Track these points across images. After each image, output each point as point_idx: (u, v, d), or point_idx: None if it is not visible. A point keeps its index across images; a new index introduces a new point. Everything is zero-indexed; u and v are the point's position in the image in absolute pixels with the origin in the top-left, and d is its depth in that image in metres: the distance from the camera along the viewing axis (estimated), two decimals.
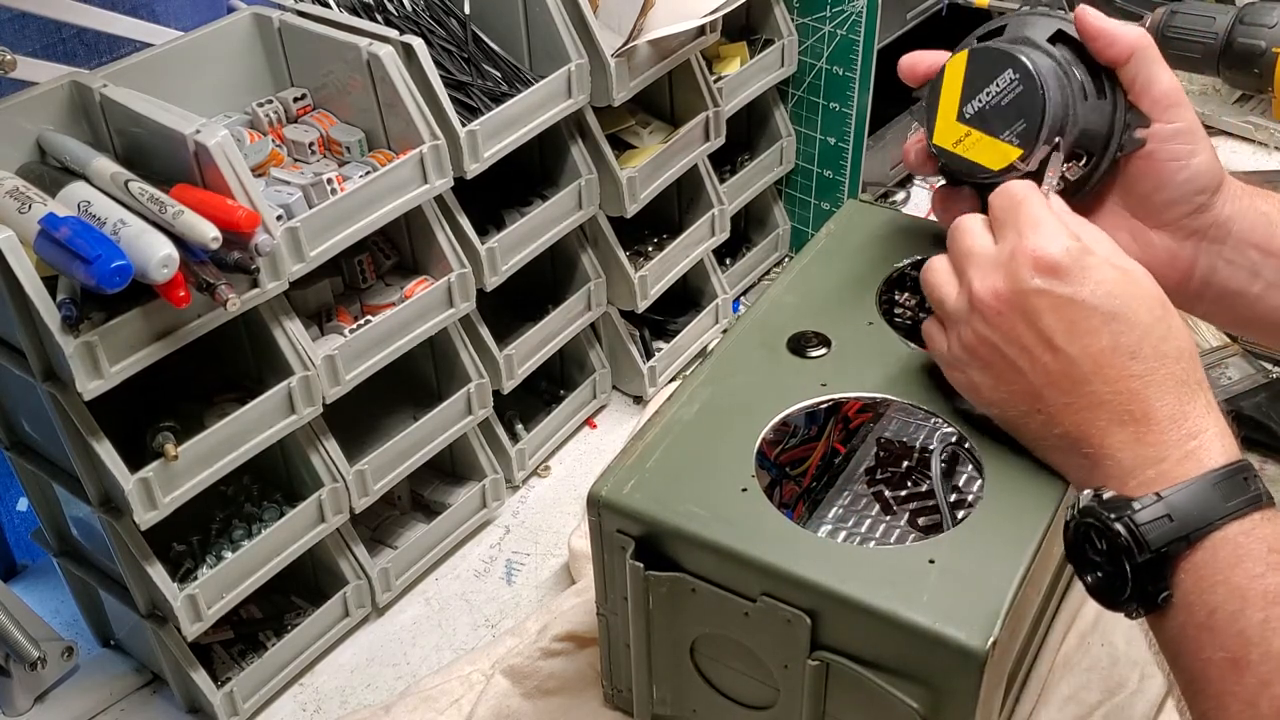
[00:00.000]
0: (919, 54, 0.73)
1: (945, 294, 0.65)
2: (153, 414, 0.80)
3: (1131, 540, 0.55)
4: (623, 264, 1.04)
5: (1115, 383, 0.59)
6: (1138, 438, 0.58)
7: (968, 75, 0.68)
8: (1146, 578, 0.56)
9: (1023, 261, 0.60)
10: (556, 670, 0.82)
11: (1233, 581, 0.54)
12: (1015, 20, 0.70)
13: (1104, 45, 0.67)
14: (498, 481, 1.00)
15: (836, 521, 0.78)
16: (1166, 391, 0.58)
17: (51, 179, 0.73)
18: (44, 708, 0.87)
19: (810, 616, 0.61)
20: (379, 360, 0.85)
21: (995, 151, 0.68)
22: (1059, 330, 0.60)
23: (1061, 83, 0.67)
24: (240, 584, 0.81)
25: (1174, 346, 0.59)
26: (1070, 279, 0.60)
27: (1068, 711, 0.78)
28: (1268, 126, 1.37)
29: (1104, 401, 0.59)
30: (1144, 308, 0.60)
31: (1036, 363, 0.61)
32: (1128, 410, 0.59)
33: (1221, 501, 0.55)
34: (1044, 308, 0.60)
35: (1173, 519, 0.55)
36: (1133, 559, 0.56)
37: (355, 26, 0.86)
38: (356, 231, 0.81)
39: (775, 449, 0.79)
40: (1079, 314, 0.59)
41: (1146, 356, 0.59)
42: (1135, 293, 0.60)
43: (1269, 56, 1.13)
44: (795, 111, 1.21)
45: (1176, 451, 0.57)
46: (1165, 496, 0.56)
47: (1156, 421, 0.58)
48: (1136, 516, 0.56)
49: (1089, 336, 0.59)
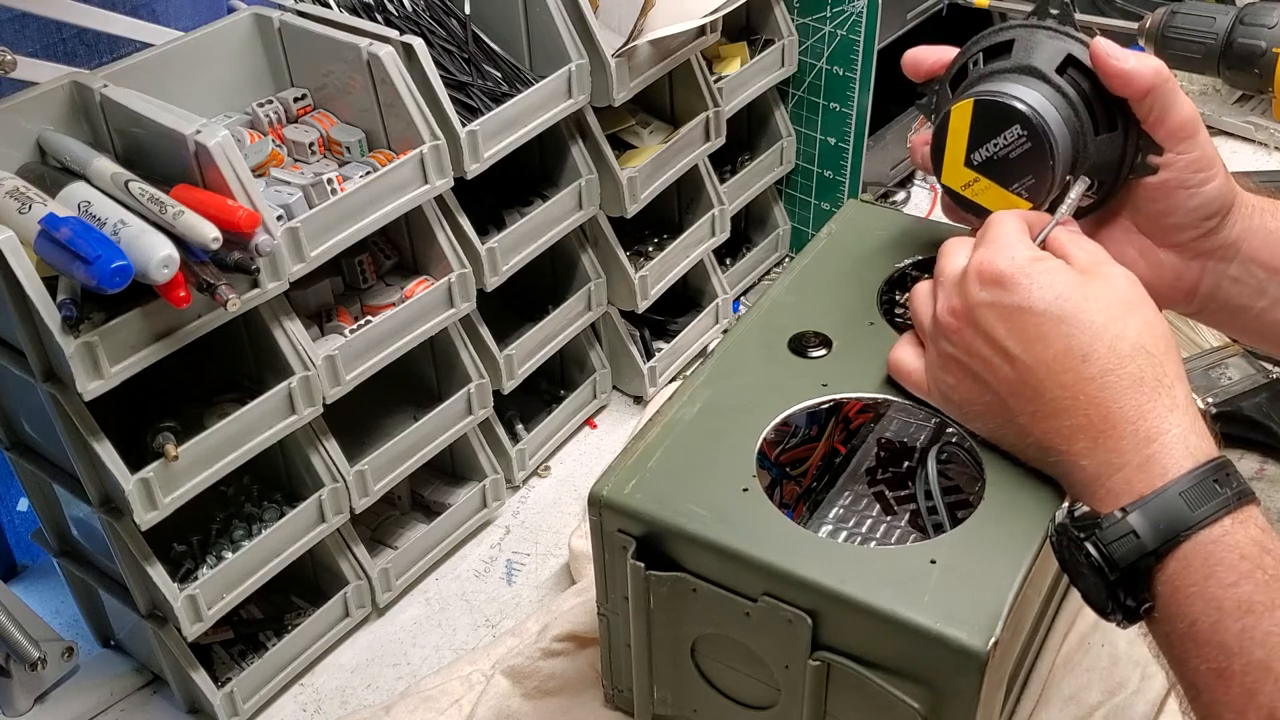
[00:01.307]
0: (923, 49, 0.73)
1: (921, 317, 0.67)
2: (153, 414, 0.80)
3: (1101, 559, 0.55)
4: (623, 264, 1.04)
5: (1070, 388, 0.59)
6: (1096, 443, 0.58)
7: (974, 123, 0.67)
8: (1124, 592, 0.56)
9: (971, 276, 0.62)
10: (557, 670, 0.82)
11: (1208, 593, 0.54)
12: (1023, 38, 0.68)
13: (1119, 85, 0.65)
14: (498, 481, 1.00)
15: (837, 522, 0.78)
16: (1123, 393, 0.58)
17: (51, 179, 0.73)
18: (44, 708, 0.87)
19: (811, 616, 0.61)
20: (379, 360, 0.85)
21: (1004, 201, 0.68)
22: (1011, 339, 0.60)
23: (1072, 126, 0.66)
24: (240, 584, 0.81)
25: (1130, 345, 0.58)
26: (1015, 288, 0.60)
27: (1068, 711, 0.78)
28: (1268, 126, 1.37)
29: (1064, 408, 0.59)
30: (1098, 308, 0.59)
31: (998, 374, 0.61)
32: (1085, 415, 0.58)
33: (1188, 511, 0.54)
34: (993, 319, 0.61)
35: (1139, 535, 0.55)
36: (1104, 577, 0.55)
37: (355, 26, 0.86)
38: (357, 232, 0.81)
39: (776, 449, 0.79)
40: (1027, 321, 0.60)
41: (1100, 357, 0.58)
42: (1090, 294, 0.60)
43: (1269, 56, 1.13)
44: (795, 111, 1.21)
45: (1135, 457, 0.57)
46: (1130, 513, 0.55)
47: (1114, 425, 0.57)
48: (1103, 535, 0.55)
49: (1039, 344, 0.59)
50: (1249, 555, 0.54)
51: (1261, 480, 0.97)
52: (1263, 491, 0.96)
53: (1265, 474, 0.97)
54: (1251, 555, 0.54)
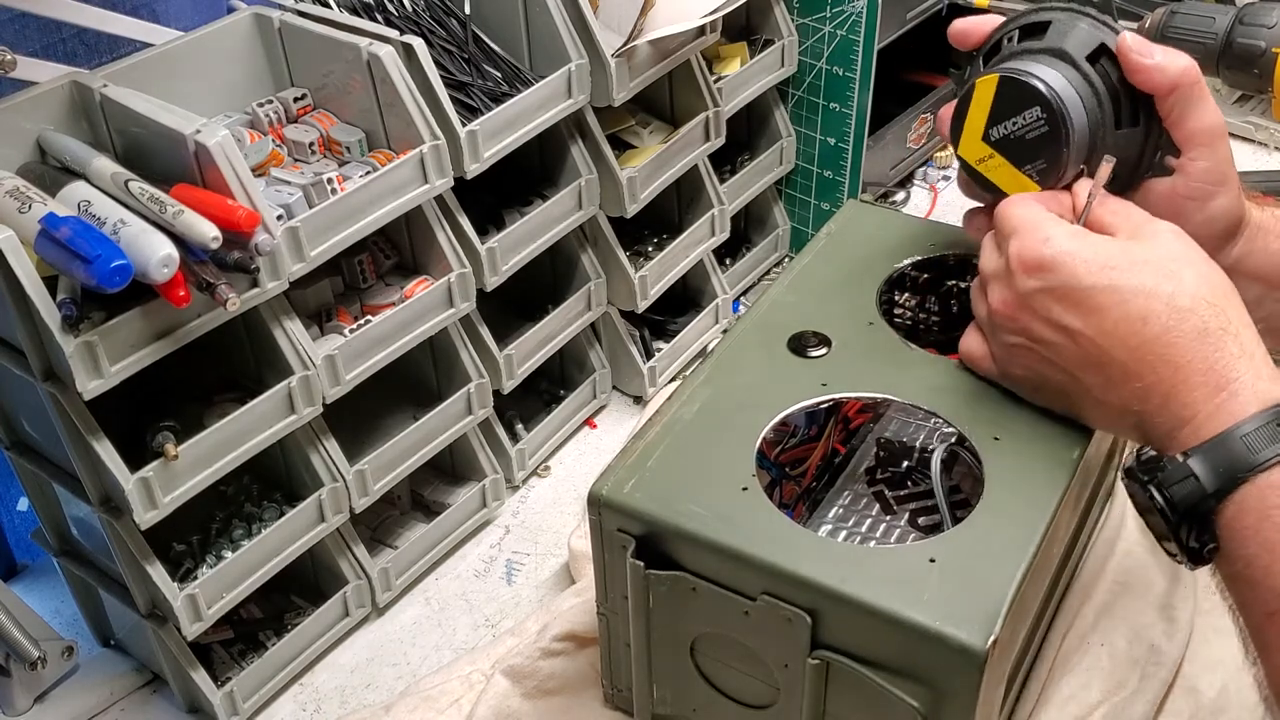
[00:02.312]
0: (972, 19, 0.73)
1: (979, 311, 0.69)
2: (153, 414, 0.80)
3: (1163, 501, 0.57)
4: (623, 264, 1.04)
5: (1136, 350, 0.60)
6: (1169, 398, 0.59)
7: (996, 99, 0.67)
8: (1186, 532, 0.57)
9: (1015, 269, 0.63)
10: (556, 670, 0.82)
11: (1263, 535, 0.55)
12: (1060, 21, 0.68)
13: (1142, 79, 0.66)
14: (498, 481, 1.00)
15: (837, 521, 0.78)
16: (1188, 346, 0.59)
17: (51, 179, 0.73)
18: (44, 708, 0.87)
19: (810, 616, 0.61)
20: (379, 360, 0.85)
21: (1015, 181, 0.68)
22: (1069, 317, 0.61)
23: (1093, 115, 0.66)
24: (240, 584, 0.81)
25: (1189, 298, 0.60)
26: (1059, 268, 0.62)
27: (1068, 711, 0.78)
28: (1268, 126, 1.37)
29: (1133, 371, 0.60)
30: (1148, 269, 0.60)
31: (1063, 353, 0.63)
32: (1155, 373, 0.59)
33: (1248, 455, 0.55)
34: (1046, 301, 0.62)
35: (1198, 478, 0.56)
36: (1167, 517, 0.57)
37: (355, 26, 0.86)
38: (356, 231, 0.81)
39: (775, 449, 0.79)
40: (1080, 297, 0.61)
41: (1159, 316, 0.59)
42: (1136, 257, 0.61)
43: (1269, 57, 1.13)
44: (795, 111, 1.21)
45: (1206, 406, 0.58)
46: (1190, 456, 0.57)
47: (1184, 378, 0.59)
48: (1164, 478, 0.57)
49: (1097, 315, 0.61)
50: None
51: None
52: None
53: None
54: None
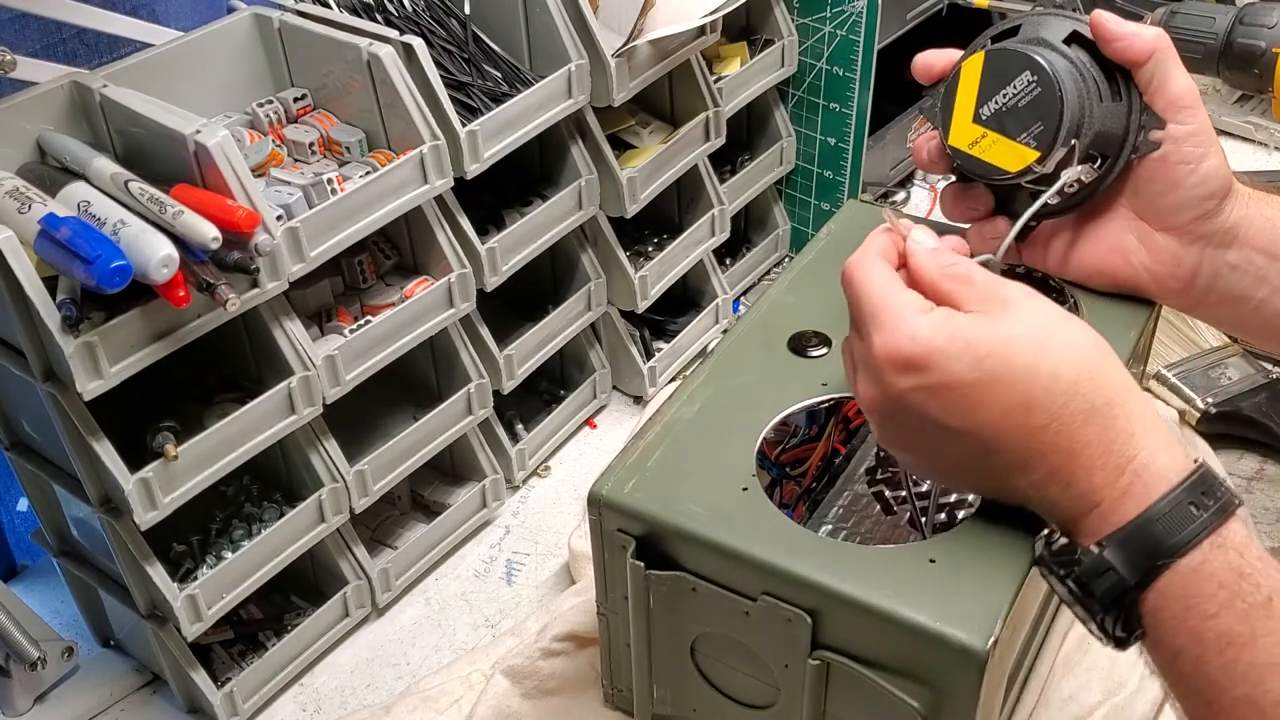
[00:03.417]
0: (934, 53, 0.72)
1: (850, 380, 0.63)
2: (153, 414, 0.80)
3: (1082, 594, 0.54)
4: (623, 264, 1.04)
5: (1024, 440, 0.56)
6: (1069, 485, 0.56)
7: (984, 76, 0.68)
8: (1111, 623, 0.54)
9: (884, 366, 0.57)
10: (556, 670, 0.82)
11: (1188, 625, 0.52)
12: (1029, 21, 0.70)
13: (1123, 47, 0.66)
14: (498, 481, 1.00)
15: (837, 521, 0.78)
16: (1078, 431, 0.55)
17: (51, 179, 0.73)
18: (44, 708, 0.87)
19: (811, 616, 0.61)
20: (379, 360, 0.85)
21: (1013, 154, 0.68)
22: (946, 414, 0.57)
23: (1078, 84, 0.66)
24: (240, 584, 0.81)
25: (1068, 378, 0.55)
26: (931, 367, 0.56)
27: (1068, 711, 0.78)
28: (1268, 126, 1.37)
29: (1024, 461, 0.56)
30: (1017, 351, 0.56)
31: (946, 448, 0.58)
32: (1047, 463, 0.56)
33: (1165, 540, 0.53)
34: (920, 400, 0.57)
35: (1117, 569, 0.53)
36: (1089, 610, 0.55)
37: (355, 26, 0.86)
38: (356, 232, 0.81)
39: (776, 449, 0.79)
40: (958, 395, 0.56)
41: (1042, 405, 0.55)
42: (1002, 338, 0.56)
43: (1269, 57, 1.13)
44: (795, 112, 1.21)
45: (1110, 492, 0.55)
46: (1105, 547, 0.54)
47: (1083, 465, 0.55)
48: (1082, 571, 0.54)
49: (978, 410, 0.56)
50: (1227, 583, 0.52)
51: (1261, 480, 0.97)
52: (1263, 491, 0.96)
53: (1265, 474, 0.97)
54: (1229, 583, 0.52)
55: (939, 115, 0.71)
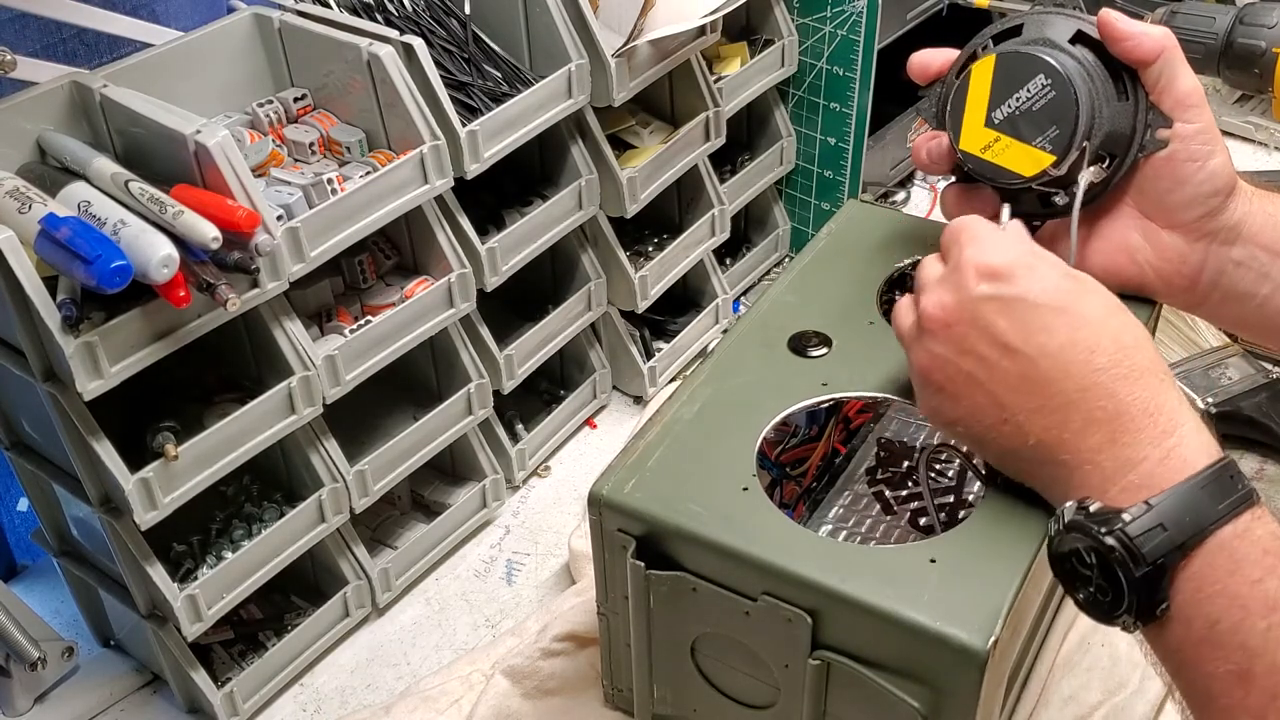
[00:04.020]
0: (930, 52, 0.72)
1: (902, 325, 0.64)
2: (153, 414, 0.80)
3: (1126, 554, 0.53)
4: (623, 264, 1.04)
5: (1080, 378, 0.57)
6: (1113, 438, 0.56)
7: (995, 80, 0.67)
8: (1143, 591, 0.54)
9: (967, 272, 0.60)
10: (556, 670, 0.82)
11: (1231, 590, 0.52)
12: (1032, 20, 0.69)
13: (1132, 47, 0.66)
14: (498, 481, 1.00)
15: (837, 521, 0.78)
16: (1135, 384, 0.56)
17: (51, 179, 0.73)
18: (44, 708, 0.87)
19: (811, 616, 0.61)
20: (379, 360, 0.85)
21: (1027, 158, 0.67)
22: (1012, 331, 0.58)
23: (1089, 85, 0.66)
24: (240, 584, 0.81)
25: (1133, 337, 0.58)
26: (1015, 280, 0.59)
27: (1068, 711, 0.78)
28: (1268, 126, 1.37)
29: (1072, 401, 0.57)
30: (1096, 302, 0.59)
31: (994, 369, 0.59)
32: (1099, 407, 0.56)
33: (1212, 505, 0.53)
34: (992, 311, 0.59)
35: (1166, 528, 0.53)
36: (1129, 573, 0.53)
37: (355, 26, 0.86)
38: (357, 232, 0.81)
39: (776, 448, 0.79)
40: (1029, 312, 0.58)
41: (1107, 349, 0.57)
42: (1084, 290, 0.60)
43: (1269, 56, 1.13)
44: (795, 111, 1.21)
45: (1156, 451, 0.55)
46: (1155, 504, 0.53)
47: (1131, 418, 0.56)
48: (1129, 529, 0.53)
49: (1044, 334, 0.58)
50: (1272, 550, 0.52)
51: (1261, 480, 0.97)
52: (1263, 491, 0.95)
53: (1265, 474, 0.97)
54: (1275, 550, 0.52)
55: (944, 118, 0.70)
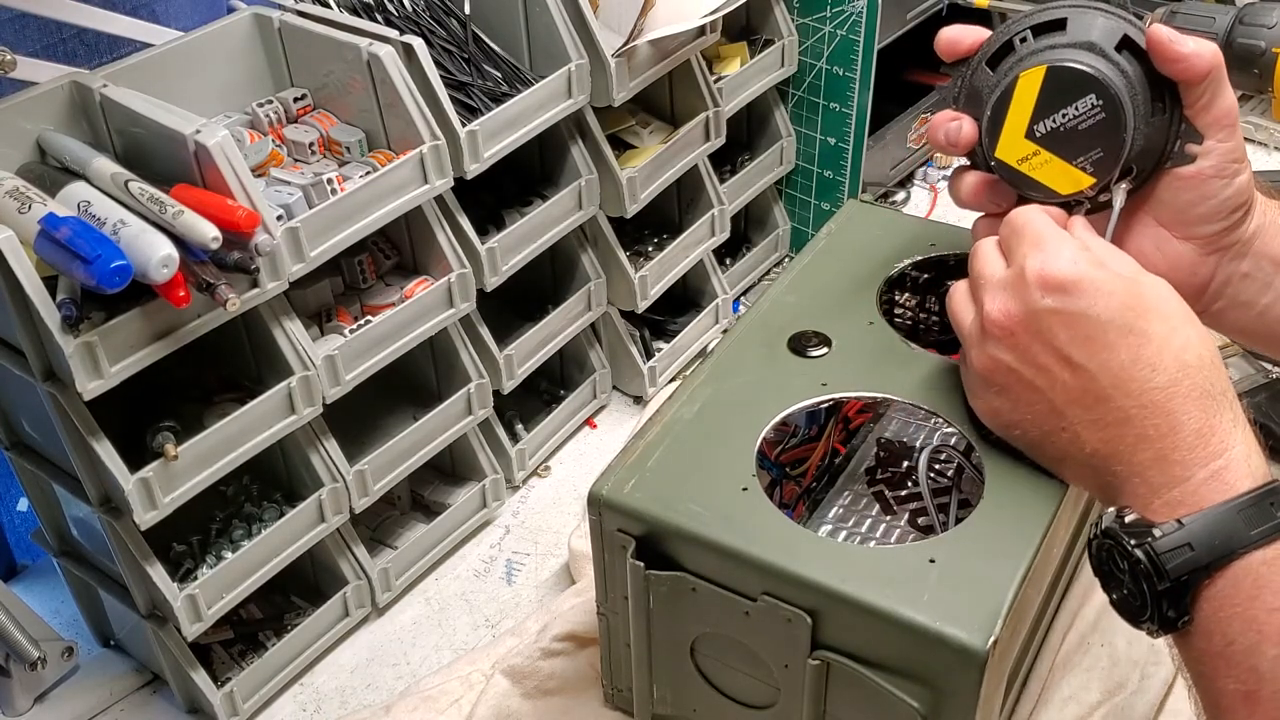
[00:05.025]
0: (960, 29, 0.70)
1: (962, 320, 0.65)
2: (153, 414, 0.80)
3: (1151, 568, 0.54)
4: (623, 264, 1.04)
5: (1138, 396, 0.58)
6: (1163, 455, 0.57)
7: (1043, 91, 0.64)
8: (1166, 603, 0.55)
9: (1031, 281, 0.60)
10: (556, 670, 0.82)
11: (1249, 614, 0.53)
12: (1077, 16, 0.66)
13: (1180, 69, 0.64)
14: (498, 481, 1.00)
15: (837, 521, 0.78)
16: (1191, 404, 0.57)
17: (51, 179, 0.73)
18: (44, 708, 0.87)
19: (810, 616, 0.61)
20: (379, 360, 0.85)
21: (1066, 177, 0.66)
22: (1075, 346, 0.59)
23: (1134, 105, 0.64)
24: (240, 584, 0.81)
25: (1195, 355, 0.58)
26: (1080, 294, 0.59)
27: (1068, 711, 0.78)
28: (1268, 126, 1.38)
29: (1129, 417, 0.58)
30: (1160, 319, 0.59)
31: (1055, 381, 0.60)
32: (1153, 425, 0.57)
33: (1245, 530, 0.54)
34: (1056, 325, 0.59)
35: (1193, 548, 0.54)
36: (1152, 585, 0.55)
37: (355, 26, 0.86)
38: (356, 232, 0.81)
39: (776, 449, 0.79)
40: (1093, 329, 0.59)
41: (1168, 368, 0.57)
42: (1150, 305, 0.59)
43: (1269, 56, 1.13)
44: (795, 111, 1.21)
45: (1201, 471, 0.56)
46: (1186, 524, 0.54)
47: (1182, 437, 0.57)
48: (1157, 544, 0.54)
49: (1106, 351, 0.58)
50: None
51: None
52: None
53: None
54: None
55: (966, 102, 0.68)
